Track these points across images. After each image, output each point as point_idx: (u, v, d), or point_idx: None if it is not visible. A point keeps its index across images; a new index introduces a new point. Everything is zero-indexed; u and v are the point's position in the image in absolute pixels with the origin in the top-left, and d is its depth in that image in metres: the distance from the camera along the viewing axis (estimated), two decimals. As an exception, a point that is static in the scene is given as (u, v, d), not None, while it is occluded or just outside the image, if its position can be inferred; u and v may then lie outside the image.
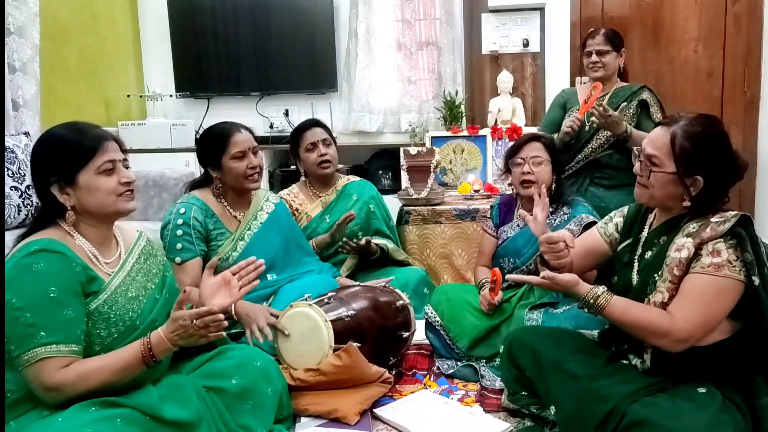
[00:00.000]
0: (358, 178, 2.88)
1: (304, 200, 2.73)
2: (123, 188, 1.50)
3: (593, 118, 2.64)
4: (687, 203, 1.52)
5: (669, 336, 1.45)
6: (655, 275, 1.54)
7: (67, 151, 1.45)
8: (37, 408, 1.36)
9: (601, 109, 2.56)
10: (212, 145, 2.19)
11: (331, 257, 2.64)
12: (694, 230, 1.49)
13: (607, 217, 1.83)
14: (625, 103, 2.76)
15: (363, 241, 2.51)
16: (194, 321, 1.42)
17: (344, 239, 2.50)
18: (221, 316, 1.45)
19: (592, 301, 1.54)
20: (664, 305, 1.50)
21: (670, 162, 1.51)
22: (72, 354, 1.36)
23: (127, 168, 1.53)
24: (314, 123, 2.75)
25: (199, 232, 2.12)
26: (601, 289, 1.56)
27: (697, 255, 1.46)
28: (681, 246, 1.49)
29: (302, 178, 2.80)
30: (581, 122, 2.71)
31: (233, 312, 2.00)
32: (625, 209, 1.79)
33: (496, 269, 2.12)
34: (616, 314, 1.53)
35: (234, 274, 1.62)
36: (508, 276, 1.70)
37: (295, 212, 2.69)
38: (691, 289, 1.46)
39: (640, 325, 1.50)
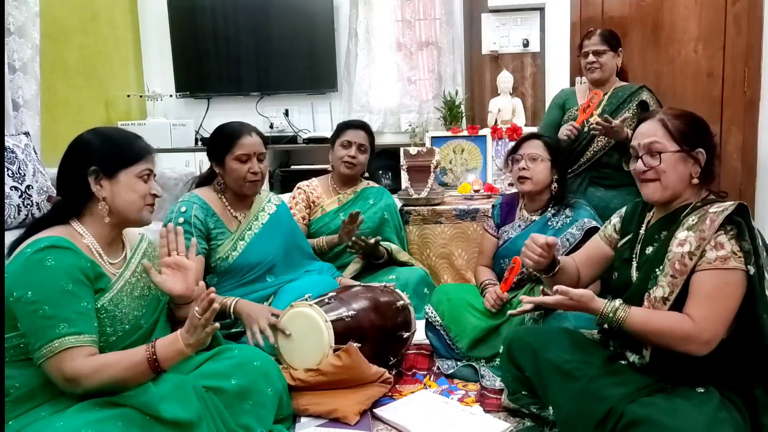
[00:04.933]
0: (377, 185, 2.91)
1: (322, 194, 2.77)
2: (151, 198, 1.57)
3: (594, 130, 2.60)
4: (696, 180, 1.55)
5: (694, 339, 1.42)
6: (657, 270, 1.53)
7: (118, 148, 1.53)
8: (37, 408, 1.36)
9: (603, 121, 2.52)
10: (220, 142, 2.20)
11: (335, 260, 2.64)
12: (694, 222, 1.49)
13: (607, 221, 1.85)
14: (624, 105, 2.76)
15: (372, 241, 2.51)
16: (196, 309, 1.41)
17: (353, 238, 2.49)
18: (215, 295, 1.42)
19: (611, 315, 1.50)
20: (664, 300, 1.49)
21: (670, 143, 1.56)
22: (93, 344, 1.37)
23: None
24: (361, 125, 2.78)
25: (200, 230, 2.12)
26: (618, 302, 1.53)
27: (701, 252, 1.45)
28: (683, 240, 1.48)
29: (328, 172, 2.83)
30: (578, 130, 2.70)
31: (231, 311, 2.01)
32: (623, 210, 1.81)
33: (518, 258, 1.96)
34: (637, 326, 1.48)
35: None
36: (523, 298, 1.68)
37: (312, 204, 2.74)
38: (703, 287, 1.44)
39: (662, 333, 1.46)
